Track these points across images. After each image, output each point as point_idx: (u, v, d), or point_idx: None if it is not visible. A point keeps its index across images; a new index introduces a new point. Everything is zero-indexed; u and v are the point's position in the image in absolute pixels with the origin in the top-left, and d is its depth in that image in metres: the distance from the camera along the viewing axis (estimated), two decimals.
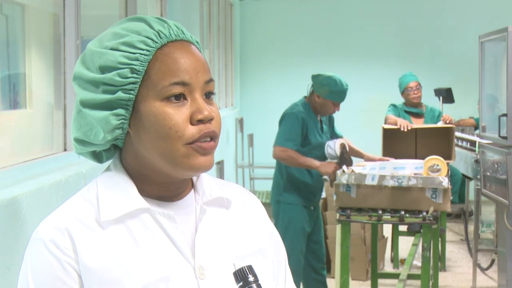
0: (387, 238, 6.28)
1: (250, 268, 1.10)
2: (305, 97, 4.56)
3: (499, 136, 4.57)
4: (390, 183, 4.01)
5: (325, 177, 4.51)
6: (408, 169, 4.21)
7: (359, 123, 9.45)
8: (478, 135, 5.89)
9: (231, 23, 9.39)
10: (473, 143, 6.09)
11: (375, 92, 9.72)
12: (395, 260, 6.29)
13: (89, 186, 1.22)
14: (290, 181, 4.49)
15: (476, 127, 7.02)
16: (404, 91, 6.05)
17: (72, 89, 2.86)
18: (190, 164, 1.15)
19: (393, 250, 6.32)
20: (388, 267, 6.29)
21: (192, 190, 1.26)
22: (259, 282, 1.10)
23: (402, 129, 5.15)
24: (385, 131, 5.11)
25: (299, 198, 4.48)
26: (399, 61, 9.69)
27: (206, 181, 1.27)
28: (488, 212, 7.75)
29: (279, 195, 4.52)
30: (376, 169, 4.23)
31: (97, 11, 4.18)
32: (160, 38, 1.16)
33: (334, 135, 4.72)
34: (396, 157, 4.80)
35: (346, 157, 4.34)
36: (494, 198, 4.55)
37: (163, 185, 1.20)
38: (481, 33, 5.19)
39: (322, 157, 4.48)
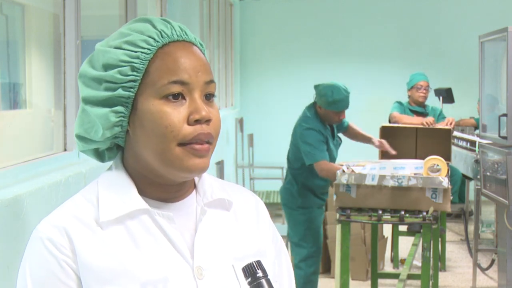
0: (387, 238, 6.28)
1: (259, 263, 1.09)
2: (314, 103, 4.57)
3: (499, 136, 4.56)
4: (390, 183, 4.00)
5: None
6: (408, 169, 4.21)
7: (360, 123, 9.40)
8: (478, 135, 5.89)
9: (231, 23, 9.39)
10: (473, 143, 6.09)
11: (375, 92, 9.72)
12: (395, 260, 6.29)
13: (90, 186, 1.23)
14: (304, 186, 4.56)
15: (476, 127, 7.02)
16: (413, 87, 6.06)
17: (72, 89, 2.86)
18: (183, 165, 1.15)
19: (393, 250, 6.32)
20: (388, 267, 6.29)
21: (194, 191, 1.26)
22: (268, 277, 1.09)
23: (427, 126, 5.24)
24: (383, 129, 5.12)
25: (315, 201, 4.57)
26: (399, 61, 9.69)
27: (208, 182, 1.27)
28: (488, 212, 7.75)
29: (293, 202, 4.59)
30: (376, 169, 4.23)
31: (97, 11, 4.18)
32: (162, 37, 1.17)
33: (340, 127, 4.78)
34: (396, 157, 4.81)
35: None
36: (494, 198, 4.54)
37: (163, 186, 1.20)
38: (481, 33, 5.19)
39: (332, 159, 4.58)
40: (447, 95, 7.76)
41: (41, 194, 2.18)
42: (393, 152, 4.81)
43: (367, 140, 4.89)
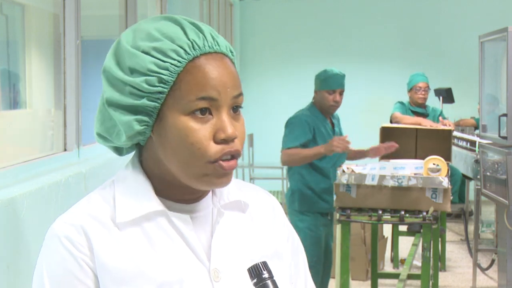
0: (387, 238, 6.28)
1: (264, 264, 1.09)
2: (312, 101, 4.48)
3: (499, 136, 4.57)
4: (390, 183, 4.00)
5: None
6: (408, 169, 4.21)
7: (359, 123, 9.45)
8: (478, 135, 5.89)
9: (231, 23, 9.39)
10: (473, 143, 6.10)
11: (375, 92, 9.73)
12: (395, 260, 6.29)
13: (106, 184, 1.21)
14: (304, 187, 4.36)
15: (476, 127, 7.02)
16: (412, 89, 6.06)
17: (72, 89, 2.86)
18: (208, 182, 1.14)
19: (393, 250, 6.33)
20: (388, 267, 6.29)
21: (210, 192, 1.24)
22: (274, 278, 1.08)
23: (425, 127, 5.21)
24: (383, 130, 5.12)
25: (318, 205, 4.37)
26: (399, 61, 9.69)
27: None
28: (488, 212, 7.75)
29: (291, 206, 4.41)
30: (376, 169, 4.23)
31: (97, 11, 4.18)
32: (194, 49, 1.13)
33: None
34: (396, 157, 4.80)
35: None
36: (494, 198, 4.55)
37: (180, 188, 1.19)
38: (481, 33, 5.19)
39: (333, 158, 4.38)
40: (447, 95, 7.76)
41: (41, 194, 2.18)
42: (393, 145, 4.57)
43: (361, 154, 4.67)
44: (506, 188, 4.27)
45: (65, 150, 2.86)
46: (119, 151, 1.25)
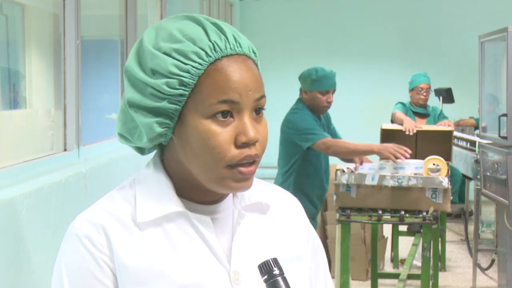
0: (387, 238, 6.28)
1: (275, 261, 1.07)
2: (299, 99, 4.34)
3: (499, 136, 4.57)
4: (390, 183, 4.00)
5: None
6: (408, 169, 4.21)
7: (359, 123, 9.46)
8: (478, 135, 5.89)
9: (231, 23, 9.40)
10: (473, 143, 6.10)
11: (375, 92, 9.73)
12: (395, 260, 6.29)
13: (127, 183, 1.21)
14: (296, 190, 4.20)
15: (476, 127, 7.02)
16: (413, 89, 6.05)
17: (72, 89, 2.86)
18: (227, 186, 1.13)
19: (393, 250, 6.32)
20: (388, 267, 6.29)
21: (231, 194, 1.23)
22: (285, 275, 1.07)
23: (407, 132, 5.10)
24: (384, 132, 5.11)
25: (308, 209, 4.21)
26: (399, 61, 9.70)
27: None
28: (488, 212, 7.75)
29: None
30: (376, 169, 4.23)
31: (97, 11, 4.18)
32: (215, 51, 1.11)
33: (334, 137, 4.44)
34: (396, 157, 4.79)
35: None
36: (494, 198, 4.55)
37: (201, 190, 1.18)
38: (481, 33, 5.19)
39: (322, 157, 4.36)
40: (447, 95, 7.76)
41: (41, 194, 2.18)
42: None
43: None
44: (506, 188, 4.27)
45: (65, 150, 2.86)
46: (141, 150, 1.24)
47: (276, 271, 1.06)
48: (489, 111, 5.19)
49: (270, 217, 1.25)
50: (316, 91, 4.21)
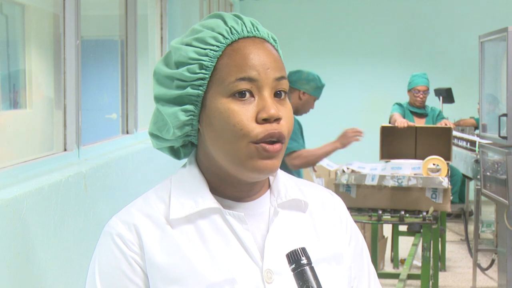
0: (387, 238, 6.28)
1: (303, 250, 1.05)
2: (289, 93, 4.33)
3: (499, 136, 4.57)
4: (390, 183, 4.01)
5: None
6: (405, 169, 4.21)
7: (359, 123, 9.42)
8: (478, 135, 5.89)
9: None
10: (473, 143, 6.10)
11: (375, 92, 9.73)
12: (395, 260, 6.29)
13: (163, 183, 1.22)
14: None
15: (476, 127, 7.02)
16: (410, 90, 6.05)
17: (72, 89, 2.86)
18: (253, 165, 1.12)
19: (393, 250, 6.32)
20: (388, 267, 6.29)
21: (268, 191, 1.23)
22: (312, 265, 1.05)
23: (399, 126, 5.10)
24: (383, 129, 5.12)
25: None
26: (399, 61, 9.70)
27: (283, 181, 1.24)
28: (488, 212, 7.75)
29: None
30: (377, 169, 4.23)
31: (97, 11, 4.18)
32: (232, 34, 1.15)
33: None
34: (396, 157, 4.80)
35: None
36: (494, 198, 4.55)
37: (235, 185, 1.18)
38: (481, 33, 5.19)
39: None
40: (447, 95, 7.76)
41: (41, 194, 2.18)
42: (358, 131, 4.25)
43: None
44: (506, 188, 4.28)
45: (65, 150, 2.85)
46: (176, 154, 1.26)
47: (304, 261, 1.05)
48: (489, 111, 5.19)
49: (309, 215, 1.24)
50: (313, 97, 4.25)
